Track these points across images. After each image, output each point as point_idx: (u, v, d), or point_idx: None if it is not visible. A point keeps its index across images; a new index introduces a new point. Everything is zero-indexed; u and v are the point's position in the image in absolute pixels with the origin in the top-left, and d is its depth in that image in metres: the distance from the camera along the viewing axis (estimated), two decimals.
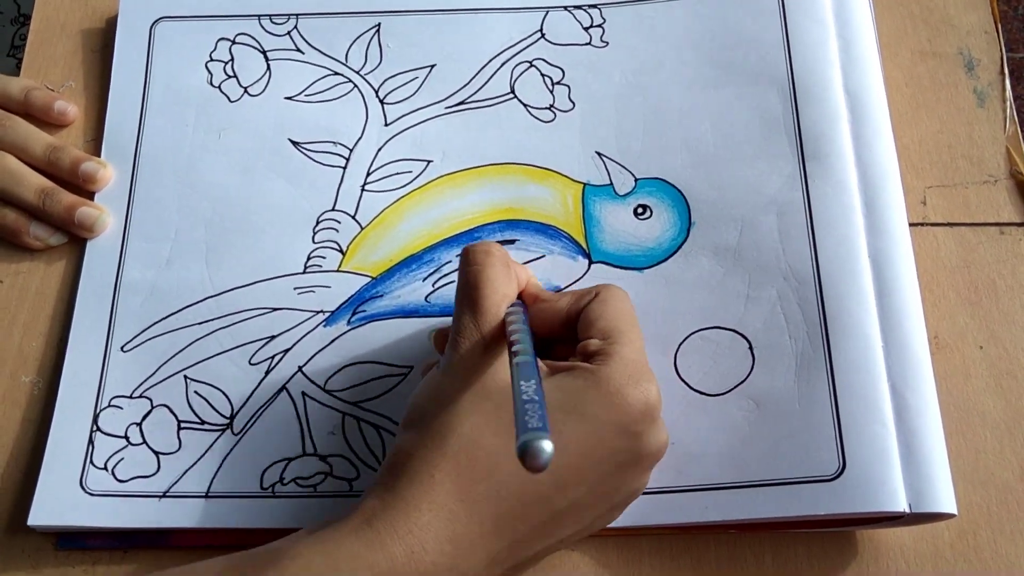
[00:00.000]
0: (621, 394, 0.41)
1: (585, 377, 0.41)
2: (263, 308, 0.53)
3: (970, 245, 0.55)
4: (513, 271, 0.46)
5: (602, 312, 0.44)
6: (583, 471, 0.41)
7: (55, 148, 0.57)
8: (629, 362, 0.42)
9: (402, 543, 0.38)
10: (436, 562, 0.39)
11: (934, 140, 0.57)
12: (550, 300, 0.46)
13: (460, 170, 0.56)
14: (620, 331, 0.43)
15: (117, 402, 0.51)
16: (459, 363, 0.42)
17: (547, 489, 0.40)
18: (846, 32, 0.56)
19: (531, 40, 0.59)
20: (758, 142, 0.55)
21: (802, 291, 0.51)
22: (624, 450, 0.42)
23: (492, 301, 0.43)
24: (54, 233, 0.55)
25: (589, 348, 0.43)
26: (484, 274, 0.44)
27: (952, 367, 0.52)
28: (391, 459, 0.42)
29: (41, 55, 0.61)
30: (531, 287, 0.47)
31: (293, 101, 0.58)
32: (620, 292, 0.46)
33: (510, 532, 0.40)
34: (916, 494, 0.46)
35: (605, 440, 0.41)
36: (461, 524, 0.39)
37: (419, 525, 0.39)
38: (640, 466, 0.43)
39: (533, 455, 0.32)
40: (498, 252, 0.45)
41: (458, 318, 0.43)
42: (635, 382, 0.41)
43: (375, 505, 0.40)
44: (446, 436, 0.40)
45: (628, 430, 0.41)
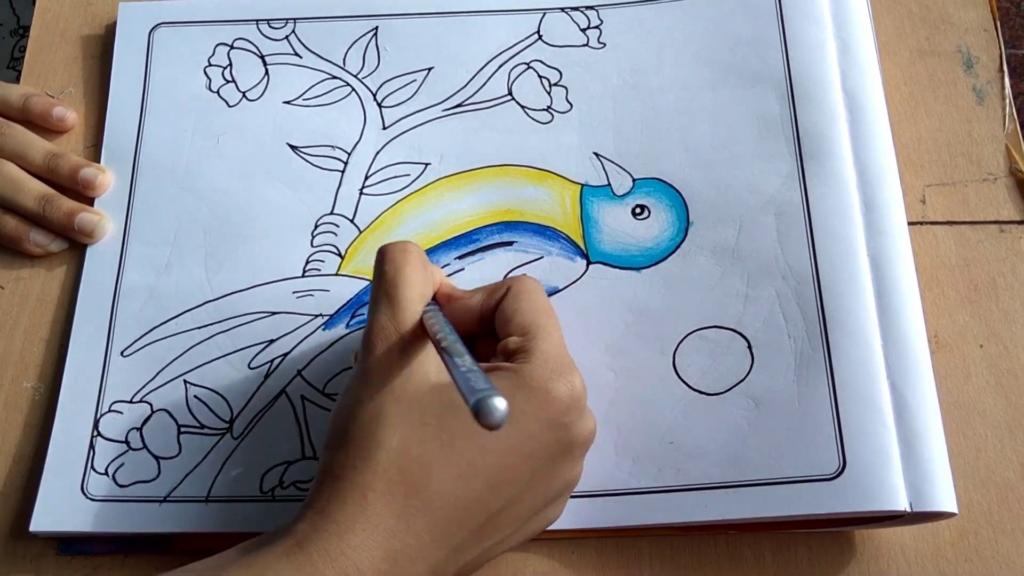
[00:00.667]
0: (546, 389, 0.41)
1: (509, 377, 0.41)
2: (262, 312, 0.53)
3: (970, 243, 0.55)
4: (430, 271, 0.45)
5: (516, 307, 0.44)
6: (515, 468, 0.41)
7: (54, 155, 0.57)
8: (550, 357, 0.42)
9: (335, 566, 0.37)
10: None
11: (933, 138, 0.57)
12: (463, 298, 0.46)
13: (458, 172, 0.56)
14: (537, 325, 0.43)
15: (117, 407, 0.51)
16: (375, 367, 0.41)
17: (481, 491, 0.40)
18: (844, 32, 0.56)
19: (528, 42, 0.59)
20: (756, 142, 0.55)
21: (801, 290, 0.51)
22: (554, 442, 0.42)
23: (410, 300, 0.43)
24: (54, 239, 0.56)
25: (509, 347, 0.43)
26: (402, 272, 0.43)
27: (952, 366, 0.52)
28: (318, 481, 0.40)
29: (40, 62, 0.61)
30: (444, 287, 0.47)
31: (291, 105, 0.58)
32: (532, 283, 0.45)
33: (448, 539, 0.40)
34: (916, 493, 0.46)
35: (534, 436, 0.41)
36: (398, 539, 0.38)
37: (352, 546, 0.38)
38: (571, 455, 0.43)
39: (488, 412, 0.32)
40: (415, 251, 0.44)
41: (374, 318, 0.42)
42: (558, 375, 0.41)
43: (306, 528, 0.39)
44: (374, 452, 0.39)
45: (556, 423, 0.41)
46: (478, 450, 0.40)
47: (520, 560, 0.48)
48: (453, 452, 0.39)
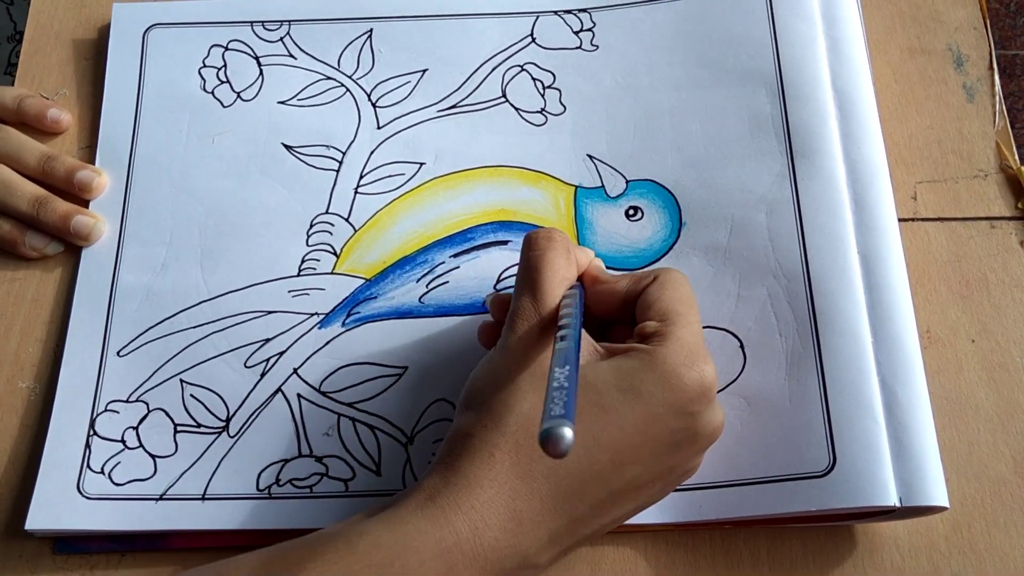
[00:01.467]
0: (677, 374, 0.41)
1: (641, 358, 0.42)
2: (258, 311, 0.53)
3: (961, 239, 0.55)
4: (573, 256, 0.46)
5: (660, 295, 0.44)
6: (639, 450, 0.41)
7: (49, 157, 0.57)
8: (686, 343, 0.42)
9: (466, 519, 0.39)
10: (498, 538, 0.39)
11: (924, 136, 0.58)
12: (609, 282, 0.47)
13: (452, 172, 0.57)
14: (677, 313, 0.44)
15: (114, 406, 0.51)
16: (516, 345, 0.43)
17: (604, 467, 0.41)
18: (834, 30, 0.57)
19: (522, 44, 0.59)
20: (747, 141, 0.55)
21: (792, 289, 0.51)
22: (680, 430, 0.42)
23: (551, 284, 0.44)
24: (50, 242, 0.56)
25: (646, 330, 0.43)
26: (545, 258, 0.45)
27: (944, 361, 0.52)
28: (450, 439, 0.42)
29: (35, 64, 0.62)
30: (592, 268, 0.48)
31: (286, 105, 0.59)
32: (679, 275, 0.46)
33: (569, 509, 0.41)
34: (907, 488, 0.46)
35: (661, 419, 0.41)
36: (522, 501, 0.40)
37: (481, 501, 0.40)
38: (696, 446, 0.44)
39: (553, 442, 0.33)
40: (559, 238, 0.46)
41: (517, 300, 0.44)
42: (691, 363, 0.42)
43: (437, 483, 0.41)
44: (504, 416, 0.41)
45: (684, 410, 0.42)
46: (604, 426, 0.41)
47: None
48: (580, 424, 0.40)
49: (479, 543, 0.39)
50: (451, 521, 0.39)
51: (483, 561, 0.39)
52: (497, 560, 0.40)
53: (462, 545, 0.39)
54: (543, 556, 0.41)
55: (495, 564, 0.40)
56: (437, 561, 0.39)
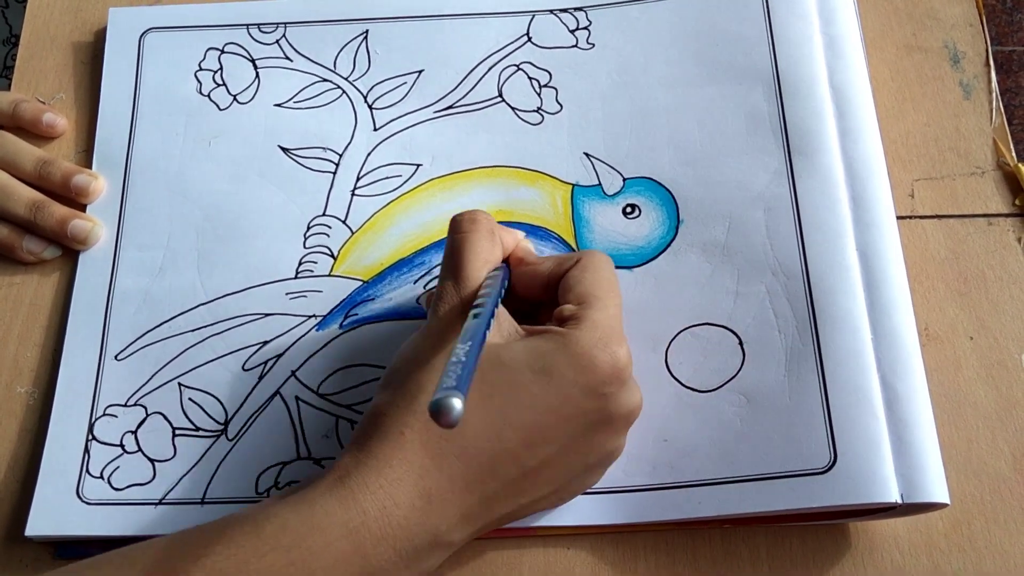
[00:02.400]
0: (589, 356, 0.42)
1: (555, 340, 0.42)
2: (255, 314, 0.53)
3: (959, 237, 0.55)
4: (498, 237, 0.47)
5: (580, 278, 0.45)
6: (551, 429, 0.42)
7: (46, 162, 0.57)
8: (600, 326, 0.43)
9: (374, 499, 0.40)
10: (408, 516, 0.40)
11: (921, 133, 0.58)
12: (533, 264, 0.48)
13: (450, 173, 0.56)
14: (595, 296, 0.44)
15: (112, 411, 0.51)
16: (436, 325, 0.44)
17: (515, 446, 0.41)
18: (830, 28, 0.57)
19: (518, 44, 0.59)
20: (744, 139, 0.55)
21: (790, 286, 0.51)
22: (593, 411, 0.42)
23: (473, 267, 0.45)
24: (47, 246, 0.56)
25: (563, 313, 0.44)
26: (467, 240, 0.45)
27: (943, 358, 0.52)
28: (365, 419, 0.43)
29: (31, 68, 0.62)
30: (519, 250, 0.48)
31: (282, 108, 0.59)
32: (602, 258, 0.46)
33: (480, 487, 0.41)
34: (908, 484, 0.46)
35: (573, 400, 0.42)
36: (431, 479, 0.40)
37: (390, 480, 0.40)
38: (612, 427, 0.44)
39: (442, 413, 0.34)
40: (484, 219, 0.46)
41: (440, 283, 0.45)
42: (604, 345, 0.42)
43: (348, 463, 0.41)
44: (416, 395, 0.42)
45: (596, 391, 0.42)
46: (515, 405, 0.41)
47: (515, 556, 0.49)
48: (491, 404, 0.41)
49: (388, 522, 0.40)
50: (359, 501, 0.40)
51: (392, 540, 0.40)
52: (407, 538, 0.40)
53: (370, 525, 0.39)
54: (456, 534, 0.42)
55: (405, 542, 0.40)
56: (344, 541, 0.39)
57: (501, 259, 0.47)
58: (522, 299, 0.48)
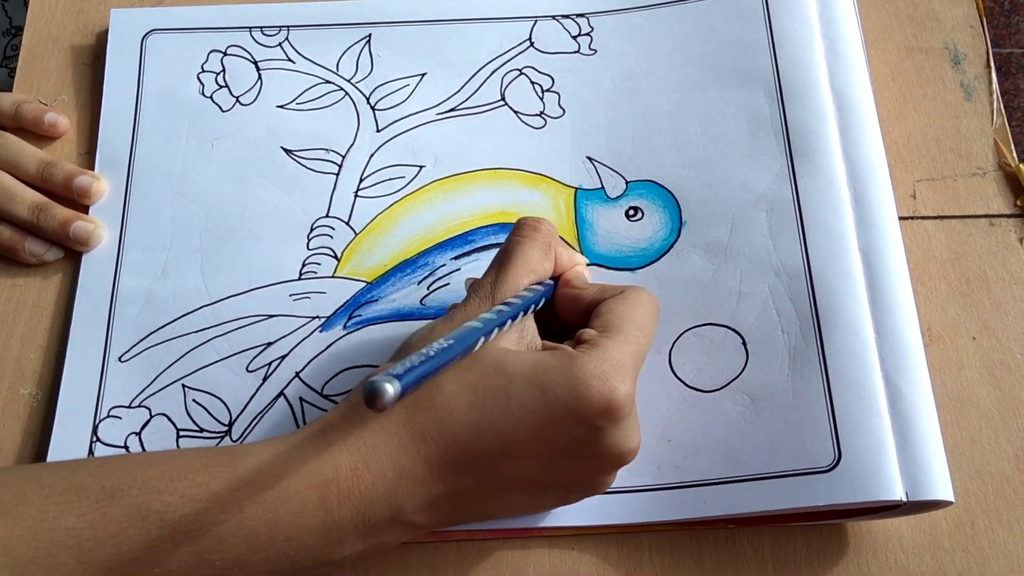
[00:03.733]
0: (586, 384, 0.40)
1: (560, 358, 0.41)
2: (259, 315, 0.53)
3: (960, 237, 0.55)
4: (553, 251, 0.47)
5: (613, 308, 0.44)
6: (533, 446, 0.41)
7: (48, 164, 0.57)
8: (610, 358, 0.41)
9: (349, 457, 0.40)
10: (376, 483, 0.40)
11: (922, 134, 0.58)
12: (578, 288, 0.47)
13: (452, 175, 0.57)
14: (619, 329, 0.43)
15: (116, 412, 0.51)
16: (457, 315, 0.44)
17: (495, 451, 0.41)
18: (831, 31, 0.57)
19: (520, 49, 0.60)
20: (747, 141, 0.55)
21: (793, 286, 0.51)
22: (580, 440, 0.41)
23: (516, 273, 0.45)
24: (50, 248, 0.56)
25: (583, 336, 0.43)
26: (521, 245, 0.45)
27: (945, 358, 0.52)
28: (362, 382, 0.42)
29: (34, 69, 0.62)
30: (571, 272, 0.48)
31: (285, 109, 0.59)
32: (644, 295, 0.46)
33: (453, 481, 0.41)
34: (913, 482, 0.46)
35: (560, 423, 0.41)
36: (407, 456, 0.40)
37: (368, 444, 0.40)
38: (599, 462, 0.43)
39: (373, 393, 0.33)
40: (545, 230, 0.46)
41: (482, 277, 0.45)
42: (605, 377, 0.40)
43: (334, 418, 0.42)
44: None
45: (585, 422, 0.41)
46: (503, 413, 0.41)
47: (520, 556, 0.49)
48: (481, 405, 0.41)
49: (356, 483, 0.40)
50: (335, 455, 0.40)
51: (356, 501, 0.40)
52: (369, 503, 0.40)
53: (340, 481, 0.40)
54: (419, 516, 0.42)
55: (367, 507, 0.40)
56: (312, 491, 0.40)
57: (550, 273, 0.47)
58: (562, 321, 0.48)
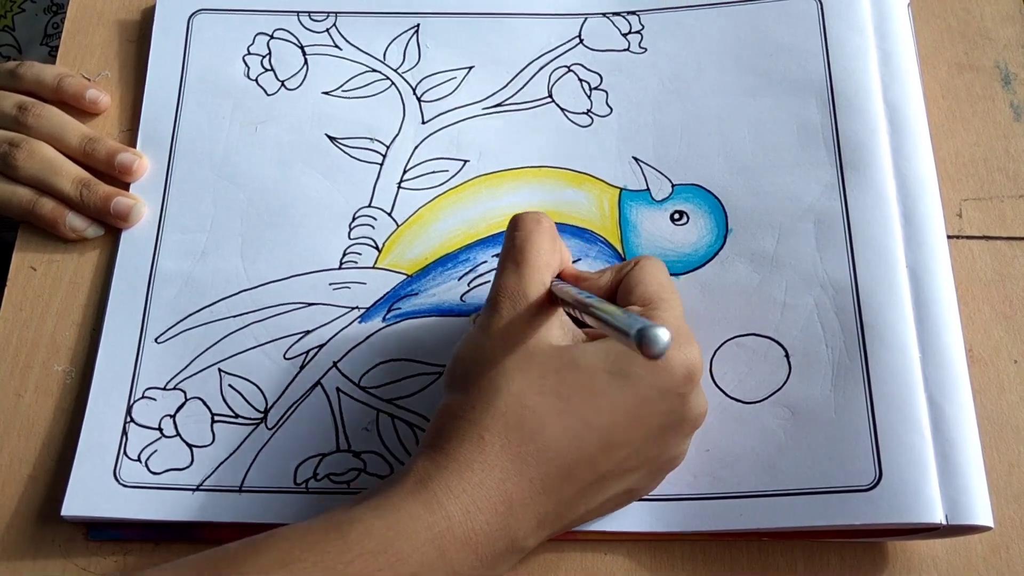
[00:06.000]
0: (665, 357, 0.41)
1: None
2: (298, 303, 0.53)
3: (1005, 259, 0.55)
4: (558, 245, 0.46)
5: (641, 278, 0.45)
6: (628, 433, 0.42)
7: (91, 139, 0.56)
8: (671, 327, 0.41)
9: (458, 503, 0.39)
10: (489, 521, 0.39)
11: (970, 153, 0.57)
12: (592, 279, 0.47)
13: (497, 171, 0.56)
14: (660, 298, 0.44)
15: (151, 393, 0.51)
16: (501, 324, 0.43)
17: (594, 450, 0.41)
18: (885, 43, 0.56)
19: (569, 45, 0.59)
20: (796, 151, 0.55)
21: (839, 300, 0.51)
22: (668, 412, 0.42)
23: (537, 266, 0.44)
24: (90, 224, 0.55)
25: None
26: (532, 239, 0.45)
27: (986, 380, 0.52)
28: (437, 421, 0.42)
29: (77, 44, 0.61)
30: (571, 268, 0.48)
31: (330, 96, 0.58)
32: (658, 262, 0.47)
33: (557, 492, 0.41)
34: (952, 506, 0.46)
35: (650, 402, 0.42)
36: (512, 483, 0.40)
37: (472, 484, 0.40)
38: (682, 429, 0.44)
39: (650, 341, 0.32)
40: (547, 223, 0.46)
41: (501, 280, 0.44)
42: (678, 346, 0.42)
43: (427, 467, 0.40)
44: (493, 397, 0.41)
45: (672, 392, 0.42)
46: (593, 409, 0.41)
47: (554, 560, 0.48)
48: (569, 408, 0.41)
49: (471, 527, 0.39)
50: (443, 505, 0.39)
51: (474, 544, 0.39)
52: (487, 543, 0.40)
53: (454, 529, 0.39)
54: (531, 539, 0.41)
55: (486, 547, 0.40)
56: (429, 546, 0.39)
57: (558, 267, 0.46)
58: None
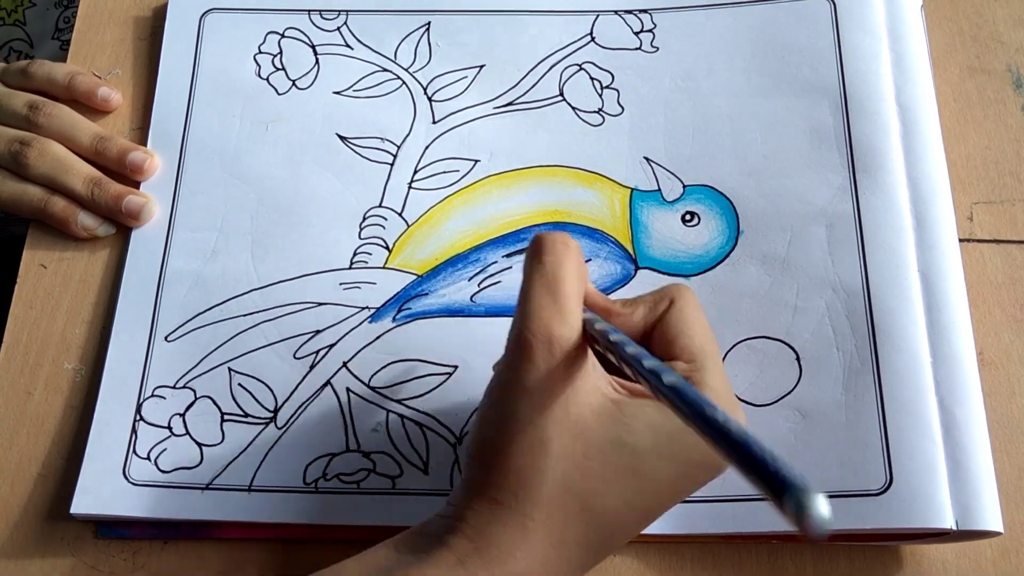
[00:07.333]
0: None
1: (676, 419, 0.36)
2: (308, 302, 0.53)
3: (1017, 262, 0.55)
4: (585, 272, 0.41)
5: (682, 328, 0.41)
6: (666, 504, 0.40)
7: (102, 138, 0.56)
8: (720, 395, 0.39)
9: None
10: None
11: (981, 156, 0.57)
12: (623, 314, 0.42)
13: (507, 171, 0.56)
14: (704, 353, 0.40)
15: (160, 392, 0.51)
16: (536, 381, 0.37)
17: (632, 527, 0.40)
18: (898, 45, 0.56)
19: (581, 43, 0.59)
20: (808, 152, 0.55)
21: (851, 303, 0.51)
22: (702, 482, 0.40)
23: (574, 303, 0.38)
24: (102, 223, 0.55)
25: None
26: (564, 267, 0.38)
27: (997, 384, 0.52)
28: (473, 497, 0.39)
29: (88, 42, 0.61)
30: (594, 295, 0.42)
31: (341, 96, 0.58)
32: (694, 299, 0.42)
33: (592, 563, 0.39)
34: (963, 511, 0.46)
35: (694, 479, 0.40)
36: (552, 566, 0.38)
37: (514, 572, 0.37)
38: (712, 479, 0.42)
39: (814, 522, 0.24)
40: (575, 245, 0.40)
41: (535, 317, 0.37)
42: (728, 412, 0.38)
43: (466, 549, 0.38)
44: (536, 483, 0.38)
45: (716, 468, 0.39)
46: (638, 492, 0.38)
47: None
48: (612, 490, 0.38)
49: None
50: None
51: None
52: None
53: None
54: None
55: None
56: None
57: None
58: None
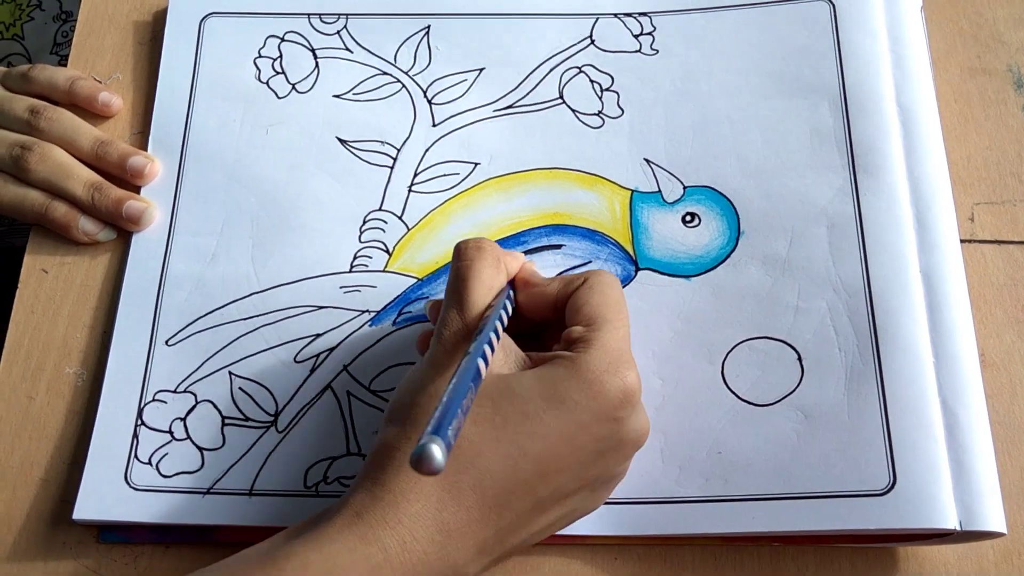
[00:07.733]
0: (600, 381, 0.41)
1: (565, 366, 0.42)
2: (309, 306, 0.53)
3: (1018, 263, 0.55)
4: (503, 264, 0.46)
5: (588, 299, 0.44)
6: (565, 458, 0.41)
7: (103, 142, 0.57)
8: (609, 349, 0.42)
9: (394, 533, 0.39)
10: (427, 551, 0.39)
11: (982, 157, 0.57)
12: (540, 285, 0.47)
13: (507, 173, 0.56)
14: (604, 319, 0.43)
15: (161, 396, 0.51)
16: (441, 354, 0.43)
17: (530, 477, 0.41)
18: (898, 46, 0.56)
19: (581, 46, 0.59)
20: (808, 153, 0.55)
21: (852, 303, 0.50)
22: (605, 436, 0.42)
23: (478, 294, 0.44)
24: (103, 228, 0.55)
25: (572, 335, 0.43)
26: (472, 268, 0.45)
27: (999, 385, 0.52)
28: (375, 453, 0.42)
29: (88, 46, 0.61)
30: (524, 272, 0.48)
31: (341, 99, 0.58)
32: (609, 278, 0.46)
33: (495, 519, 0.41)
34: (967, 511, 0.46)
35: (586, 427, 0.41)
36: (449, 512, 0.40)
37: (408, 515, 0.39)
38: (621, 452, 0.44)
39: (422, 460, 0.33)
40: (489, 247, 0.46)
41: (445, 311, 0.45)
42: (614, 369, 0.42)
43: (364, 499, 0.40)
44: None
45: (608, 416, 0.42)
46: (528, 435, 0.40)
47: (563, 565, 0.48)
48: (504, 435, 0.40)
49: (408, 558, 0.39)
50: (380, 537, 0.39)
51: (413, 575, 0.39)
52: (427, 573, 0.39)
53: (392, 561, 0.39)
54: (472, 567, 0.41)
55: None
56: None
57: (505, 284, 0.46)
58: (529, 321, 0.47)
